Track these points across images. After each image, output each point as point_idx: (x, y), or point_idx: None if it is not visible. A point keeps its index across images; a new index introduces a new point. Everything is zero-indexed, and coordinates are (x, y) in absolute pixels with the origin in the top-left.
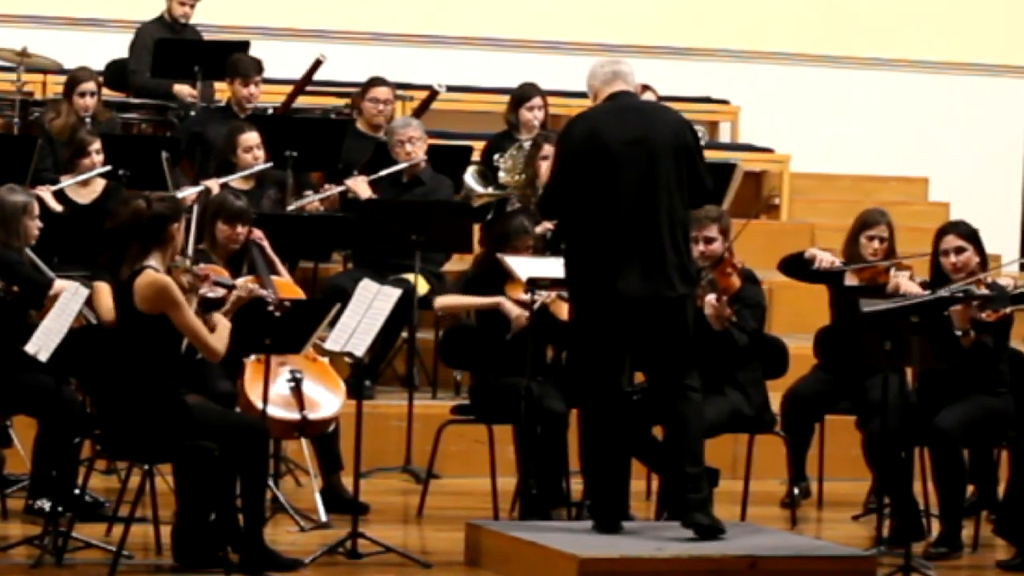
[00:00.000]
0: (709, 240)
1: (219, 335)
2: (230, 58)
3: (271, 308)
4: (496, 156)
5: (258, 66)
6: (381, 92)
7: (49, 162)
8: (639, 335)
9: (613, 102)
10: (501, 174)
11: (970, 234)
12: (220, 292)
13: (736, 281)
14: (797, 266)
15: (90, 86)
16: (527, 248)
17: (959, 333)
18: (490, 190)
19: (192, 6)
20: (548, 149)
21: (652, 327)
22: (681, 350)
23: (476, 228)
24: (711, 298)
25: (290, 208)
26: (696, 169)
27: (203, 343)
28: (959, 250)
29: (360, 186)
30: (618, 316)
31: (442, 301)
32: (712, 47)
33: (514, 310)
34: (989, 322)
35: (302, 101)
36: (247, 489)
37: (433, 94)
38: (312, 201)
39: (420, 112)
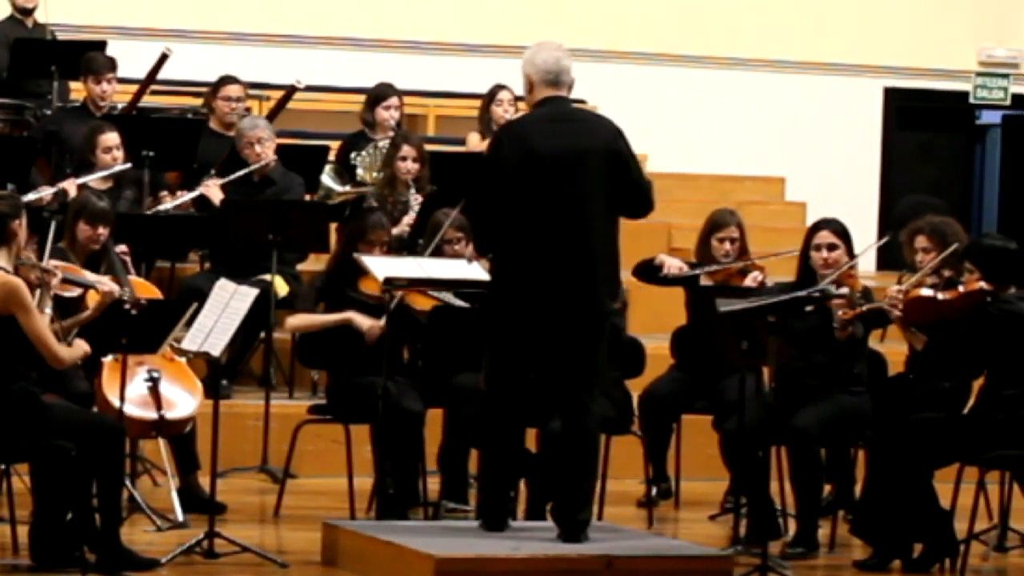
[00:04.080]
0: None
1: (70, 352)
2: (83, 56)
3: (128, 307)
4: (353, 155)
5: (111, 63)
6: (233, 90)
7: None
8: (556, 348)
9: (546, 109)
10: (359, 171)
11: (843, 232)
12: (76, 291)
13: None
14: (649, 272)
15: None
16: (382, 243)
17: (836, 326)
18: (348, 188)
19: None
20: (407, 149)
21: (571, 341)
22: (593, 366)
23: (333, 227)
24: None
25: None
26: (631, 177)
27: (49, 349)
28: (831, 247)
29: (212, 191)
30: (541, 328)
31: (292, 322)
32: (569, 46)
33: (365, 323)
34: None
35: (159, 100)
36: (104, 489)
37: (292, 90)
38: (167, 209)
39: (279, 108)
